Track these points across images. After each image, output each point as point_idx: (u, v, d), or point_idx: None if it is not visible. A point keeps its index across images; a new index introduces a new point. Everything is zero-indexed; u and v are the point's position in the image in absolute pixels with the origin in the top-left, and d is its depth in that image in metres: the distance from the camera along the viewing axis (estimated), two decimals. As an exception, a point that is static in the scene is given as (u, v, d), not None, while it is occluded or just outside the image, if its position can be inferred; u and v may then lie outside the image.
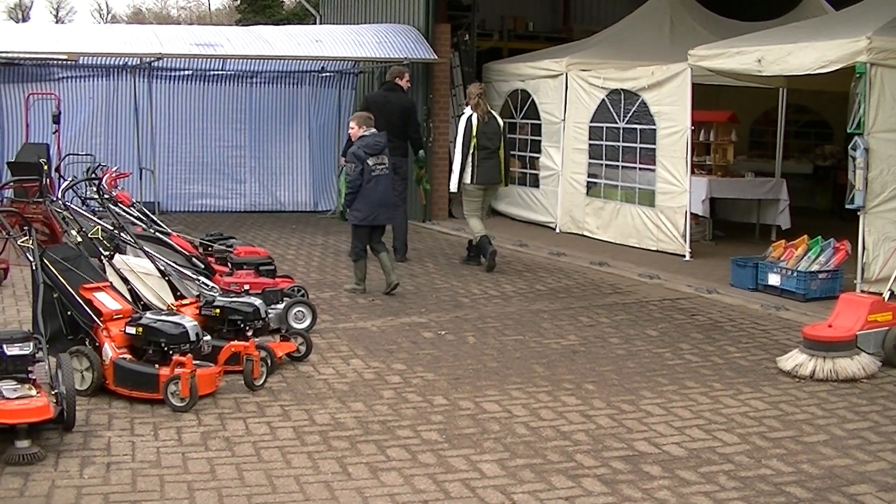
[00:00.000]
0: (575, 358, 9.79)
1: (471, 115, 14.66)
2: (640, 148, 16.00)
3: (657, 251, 15.51)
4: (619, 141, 16.47)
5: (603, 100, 16.80)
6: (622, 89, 16.37)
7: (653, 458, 7.08)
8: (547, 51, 19.94)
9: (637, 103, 15.99)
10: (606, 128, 16.75)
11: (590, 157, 17.21)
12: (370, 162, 12.51)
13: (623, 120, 16.27)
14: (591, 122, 17.07)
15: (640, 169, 16.08)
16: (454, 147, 16.95)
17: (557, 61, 18.09)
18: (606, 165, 16.86)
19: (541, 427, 7.74)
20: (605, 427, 7.75)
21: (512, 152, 19.14)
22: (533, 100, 18.74)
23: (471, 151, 14.58)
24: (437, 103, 19.43)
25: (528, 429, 7.70)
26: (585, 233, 17.24)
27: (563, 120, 17.75)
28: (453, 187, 15.05)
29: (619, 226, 16.51)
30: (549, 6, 25.06)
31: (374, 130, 12.76)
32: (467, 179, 14.65)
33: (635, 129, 16.06)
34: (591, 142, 17.12)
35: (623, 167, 16.45)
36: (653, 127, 15.70)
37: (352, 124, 13.04)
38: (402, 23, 20.21)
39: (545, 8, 24.95)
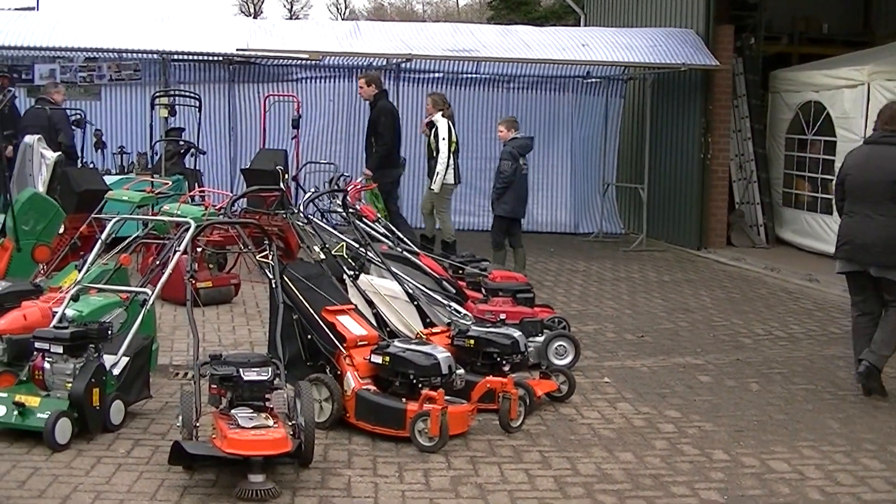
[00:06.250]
0: (877, 414, 9.51)
1: (446, 122, 16.67)
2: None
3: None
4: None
5: (913, 115, 16.30)
6: (936, 103, 15.86)
7: (972, 537, 6.83)
8: (845, 57, 19.42)
9: (953, 120, 15.44)
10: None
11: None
12: (521, 161, 15.19)
13: (936, 139, 15.74)
14: (899, 140, 16.57)
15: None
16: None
17: (858, 69, 17.65)
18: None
19: (838, 493, 7.52)
20: (914, 497, 7.52)
21: (801, 173, 18.94)
22: (828, 113, 18.31)
23: (451, 152, 16.50)
24: (717, 115, 19.20)
25: (822, 494, 7.50)
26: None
27: (864, 137, 17.29)
28: (437, 188, 16.49)
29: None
30: (848, 5, 24.33)
31: (522, 133, 15.59)
32: (450, 180, 16.57)
33: (950, 150, 15.50)
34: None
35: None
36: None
37: (500, 128, 15.65)
38: (679, 25, 20.12)
39: (843, 7, 24.23)
